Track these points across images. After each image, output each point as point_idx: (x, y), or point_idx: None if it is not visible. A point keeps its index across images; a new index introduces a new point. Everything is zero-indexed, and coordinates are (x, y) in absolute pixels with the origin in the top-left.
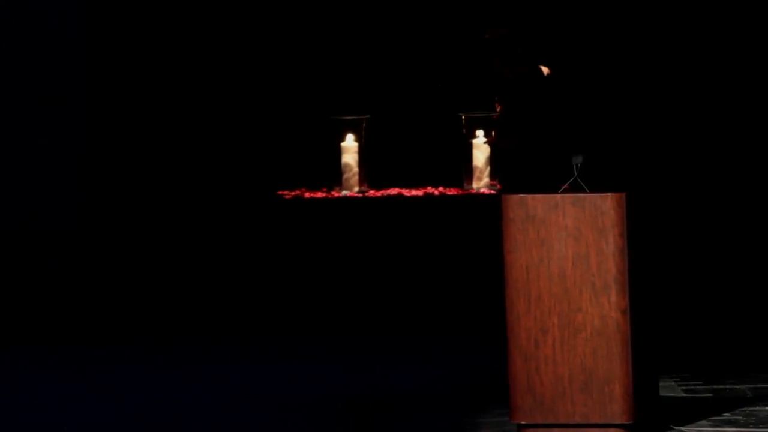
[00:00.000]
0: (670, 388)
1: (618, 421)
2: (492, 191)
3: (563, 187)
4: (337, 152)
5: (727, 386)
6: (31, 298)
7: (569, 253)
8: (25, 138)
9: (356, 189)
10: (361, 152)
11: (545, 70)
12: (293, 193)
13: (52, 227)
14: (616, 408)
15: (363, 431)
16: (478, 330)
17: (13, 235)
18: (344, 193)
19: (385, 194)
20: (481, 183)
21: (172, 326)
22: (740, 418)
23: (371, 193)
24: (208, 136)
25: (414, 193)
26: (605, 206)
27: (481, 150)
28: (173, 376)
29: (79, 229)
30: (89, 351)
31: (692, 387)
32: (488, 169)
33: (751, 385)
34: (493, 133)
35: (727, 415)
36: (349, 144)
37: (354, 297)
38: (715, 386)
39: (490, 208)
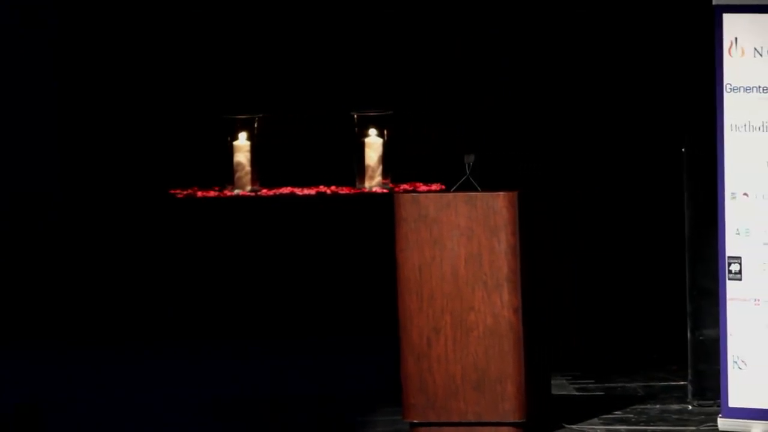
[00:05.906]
0: (562, 387)
1: (510, 420)
2: (384, 190)
3: (455, 186)
4: (230, 151)
5: (619, 385)
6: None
7: (462, 252)
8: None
9: (249, 188)
10: (254, 151)
11: None
12: (185, 192)
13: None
14: (508, 406)
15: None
16: (376, 329)
17: None
18: (236, 192)
19: (277, 193)
20: (374, 182)
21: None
22: (631, 416)
23: (264, 191)
24: (105, 134)
25: (306, 191)
26: (497, 205)
27: (373, 149)
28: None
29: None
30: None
31: (584, 385)
32: (380, 167)
33: (643, 384)
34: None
35: (618, 413)
36: (242, 143)
37: (249, 297)
38: (606, 384)
39: (382, 206)
